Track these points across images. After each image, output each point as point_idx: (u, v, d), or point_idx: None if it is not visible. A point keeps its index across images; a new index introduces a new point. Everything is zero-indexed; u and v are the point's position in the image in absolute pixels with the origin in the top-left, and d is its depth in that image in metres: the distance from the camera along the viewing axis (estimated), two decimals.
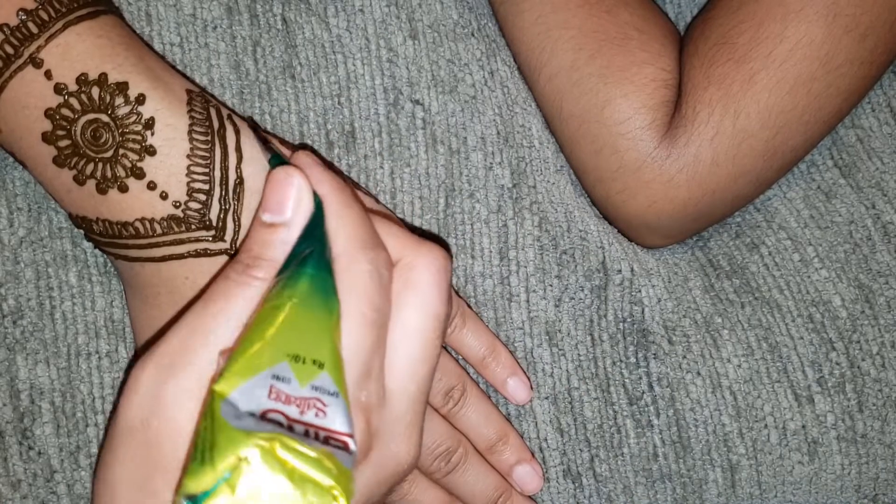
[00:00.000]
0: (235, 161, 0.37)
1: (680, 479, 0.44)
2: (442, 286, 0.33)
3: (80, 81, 0.36)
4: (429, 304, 0.32)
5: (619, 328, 0.45)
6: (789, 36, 0.41)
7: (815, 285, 0.46)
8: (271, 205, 0.32)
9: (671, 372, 0.45)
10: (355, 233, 0.32)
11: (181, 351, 0.30)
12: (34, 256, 0.41)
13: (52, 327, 0.41)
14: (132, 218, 0.36)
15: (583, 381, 0.44)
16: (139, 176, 0.36)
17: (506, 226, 0.45)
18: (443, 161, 0.44)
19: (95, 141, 0.36)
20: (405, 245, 0.33)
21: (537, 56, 0.45)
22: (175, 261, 0.37)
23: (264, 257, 0.31)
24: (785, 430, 0.45)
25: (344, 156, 0.43)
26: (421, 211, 0.44)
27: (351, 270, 0.31)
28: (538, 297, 0.45)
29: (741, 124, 0.42)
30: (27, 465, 0.41)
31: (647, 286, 0.46)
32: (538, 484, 0.43)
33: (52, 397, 0.41)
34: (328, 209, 0.32)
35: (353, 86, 0.44)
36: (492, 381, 0.43)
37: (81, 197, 0.37)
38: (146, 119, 0.36)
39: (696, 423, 0.44)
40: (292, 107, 0.43)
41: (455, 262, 0.44)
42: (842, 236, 0.46)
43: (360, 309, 0.30)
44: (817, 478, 0.45)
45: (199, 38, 0.42)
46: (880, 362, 0.45)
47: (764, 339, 0.45)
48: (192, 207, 0.37)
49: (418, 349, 0.32)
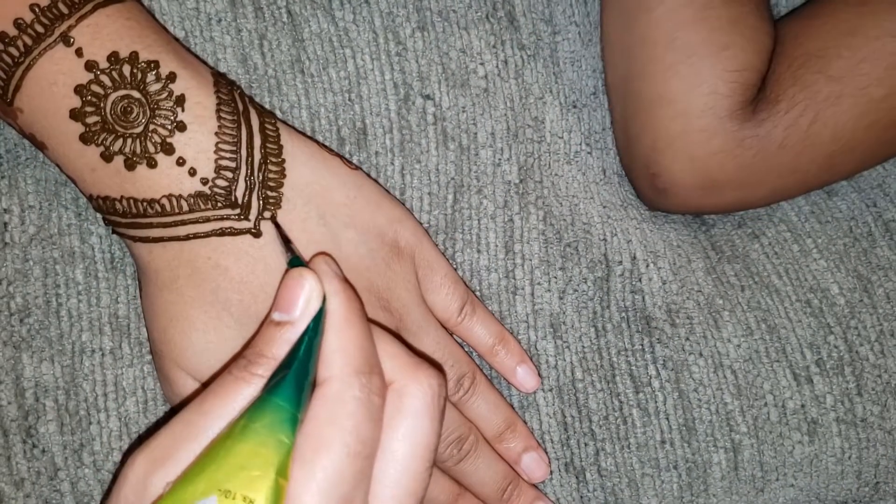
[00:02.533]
0: (260, 142, 0.38)
1: (685, 464, 0.45)
2: (434, 415, 0.32)
3: (110, 59, 0.36)
4: (419, 435, 0.31)
5: (623, 317, 0.45)
6: (887, 84, 0.44)
7: (814, 273, 0.47)
8: (282, 303, 0.31)
9: (675, 354, 0.45)
10: (354, 354, 0.31)
11: (171, 445, 0.29)
12: (43, 254, 0.41)
13: (57, 325, 0.41)
14: (159, 195, 0.37)
15: (587, 373, 0.45)
16: (168, 151, 0.36)
17: (511, 220, 0.45)
18: (453, 158, 0.45)
19: (126, 116, 0.36)
20: (400, 367, 0.32)
21: None
22: (198, 240, 0.37)
23: (266, 354, 0.31)
24: (784, 408, 0.45)
25: (355, 152, 0.44)
26: (429, 207, 0.44)
27: (341, 397, 0.30)
28: (543, 290, 0.45)
29: (815, 129, 0.45)
30: (31, 463, 0.40)
31: (648, 272, 0.46)
32: (545, 471, 0.44)
33: (55, 395, 0.41)
34: (330, 324, 0.31)
35: (363, 81, 0.44)
36: (501, 370, 0.44)
37: (107, 174, 0.37)
38: (177, 96, 0.37)
39: (700, 403, 0.45)
40: (303, 102, 0.43)
41: (462, 257, 0.45)
42: (842, 230, 0.47)
43: (345, 439, 0.29)
44: (818, 460, 0.45)
45: (205, 32, 0.42)
46: (879, 349, 0.46)
47: (763, 321, 0.46)
48: (219, 185, 0.37)
49: (405, 482, 0.31)
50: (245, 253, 0.37)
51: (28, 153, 0.42)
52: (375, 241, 0.40)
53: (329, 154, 0.40)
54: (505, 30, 0.46)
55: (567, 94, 0.47)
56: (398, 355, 0.32)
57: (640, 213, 0.48)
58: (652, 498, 0.45)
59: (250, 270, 0.37)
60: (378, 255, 0.40)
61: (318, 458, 0.29)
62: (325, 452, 0.29)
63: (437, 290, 0.42)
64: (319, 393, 0.30)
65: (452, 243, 0.45)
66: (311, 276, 0.32)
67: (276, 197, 0.38)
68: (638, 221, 0.48)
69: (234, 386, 0.30)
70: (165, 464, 0.29)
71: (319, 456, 0.29)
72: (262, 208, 0.37)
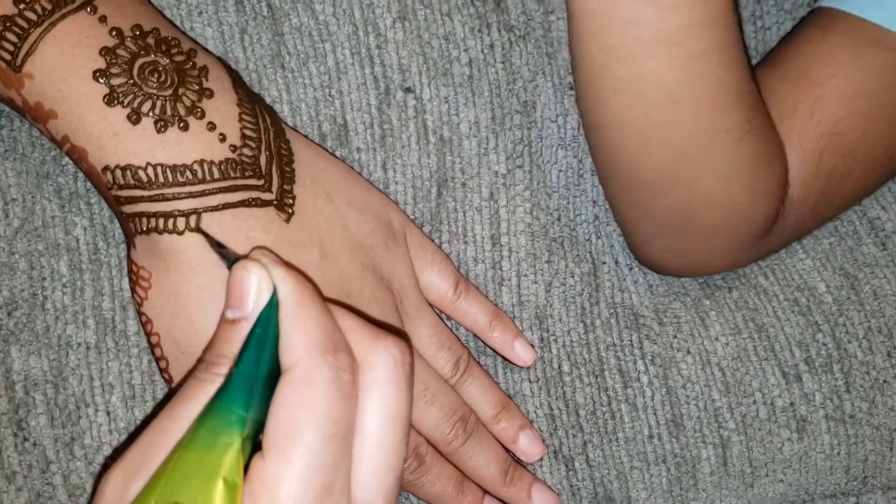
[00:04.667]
0: (270, 119, 0.38)
1: (674, 459, 0.45)
2: (401, 383, 0.31)
3: (134, 30, 0.36)
4: (389, 406, 0.30)
5: (612, 313, 0.45)
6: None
7: (800, 273, 0.47)
8: (233, 300, 0.30)
9: (663, 351, 0.45)
10: (315, 334, 0.30)
11: (144, 454, 0.29)
12: (28, 247, 0.41)
13: (43, 318, 0.41)
14: (191, 160, 0.36)
15: (575, 367, 0.45)
16: (199, 116, 0.36)
17: (498, 213, 0.45)
18: (434, 151, 0.44)
19: (155, 78, 0.36)
20: (360, 341, 0.31)
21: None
22: (229, 210, 0.36)
23: (226, 353, 0.30)
24: (773, 406, 0.45)
25: (337, 148, 0.43)
26: (413, 201, 0.44)
27: (308, 379, 0.29)
28: (529, 282, 0.45)
29: (821, 212, 0.45)
30: (22, 456, 0.40)
31: (633, 274, 0.46)
32: (542, 449, 0.44)
33: (44, 388, 0.41)
34: (284, 311, 0.30)
35: (343, 76, 0.43)
36: (499, 346, 0.44)
37: (132, 138, 0.35)
38: (200, 66, 0.37)
39: (688, 399, 0.45)
40: (284, 97, 0.43)
41: (448, 248, 0.45)
42: (827, 230, 0.47)
43: (318, 422, 0.28)
44: (807, 457, 0.46)
45: (185, 23, 0.42)
46: (867, 345, 0.46)
47: (751, 320, 0.46)
48: (245, 154, 0.37)
49: (383, 457, 0.30)
50: (272, 225, 0.37)
51: (6, 145, 0.41)
52: (374, 220, 0.40)
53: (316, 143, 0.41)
54: (491, 12, 0.45)
55: (563, 76, 0.46)
56: (356, 328, 0.31)
57: None
58: (641, 490, 0.45)
59: (279, 244, 0.37)
60: (378, 234, 0.40)
61: (292, 446, 0.28)
62: (299, 438, 0.28)
63: (429, 268, 0.43)
64: (286, 379, 0.29)
65: (438, 235, 0.45)
66: (256, 267, 0.30)
67: (290, 172, 0.38)
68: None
69: (200, 387, 0.29)
70: (140, 473, 0.28)
71: (294, 443, 0.28)
72: (282, 181, 0.37)
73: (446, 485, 0.42)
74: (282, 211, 0.37)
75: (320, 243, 0.38)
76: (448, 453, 0.42)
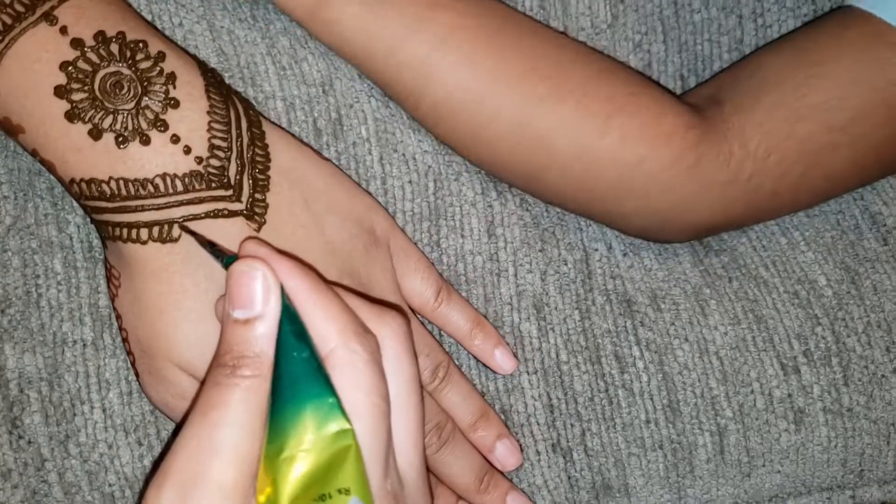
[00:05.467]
0: (246, 125, 0.37)
1: (671, 445, 0.45)
2: (409, 348, 0.32)
3: (97, 38, 0.35)
4: (405, 372, 0.32)
5: (607, 299, 0.45)
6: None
7: (801, 265, 0.47)
8: (240, 300, 0.30)
9: (658, 337, 0.45)
10: (343, 320, 0.31)
11: (195, 467, 0.29)
12: (21, 244, 0.41)
13: (37, 315, 0.41)
14: (153, 174, 0.35)
15: (572, 355, 0.45)
16: (162, 128, 0.35)
17: (491, 206, 0.45)
18: (428, 146, 0.44)
19: (116, 92, 0.35)
20: (367, 318, 0.32)
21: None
22: (192, 222, 0.36)
23: (248, 354, 0.30)
24: (771, 396, 0.45)
25: (333, 143, 0.43)
26: (412, 195, 0.44)
27: (353, 364, 0.30)
28: (525, 271, 0.45)
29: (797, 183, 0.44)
30: (17, 454, 0.41)
31: (626, 259, 0.46)
32: (518, 459, 0.44)
33: (39, 386, 0.41)
34: (303, 301, 0.31)
35: (335, 71, 0.43)
36: (480, 353, 0.44)
37: (94, 154, 0.35)
38: (167, 73, 0.36)
39: (685, 385, 0.45)
40: (278, 94, 0.42)
41: (447, 242, 0.44)
42: (829, 223, 0.47)
43: (372, 401, 0.30)
44: (804, 448, 0.46)
45: (174, 18, 0.41)
46: (866, 340, 0.46)
47: (751, 311, 0.46)
48: (212, 164, 0.36)
49: (411, 418, 0.32)
50: (241, 234, 0.36)
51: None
52: (355, 226, 0.40)
53: (303, 143, 0.40)
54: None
55: None
56: (361, 307, 0.32)
57: None
58: (639, 478, 0.45)
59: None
60: (358, 240, 0.40)
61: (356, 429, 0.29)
62: (359, 422, 0.29)
63: (412, 275, 0.42)
64: (331, 366, 0.30)
65: (437, 230, 0.44)
66: (259, 265, 0.30)
67: (264, 179, 0.38)
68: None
69: (230, 393, 0.29)
70: (198, 484, 0.28)
71: (356, 426, 0.29)
72: (254, 190, 0.37)
73: None
74: (252, 220, 0.37)
75: (293, 251, 0.38)
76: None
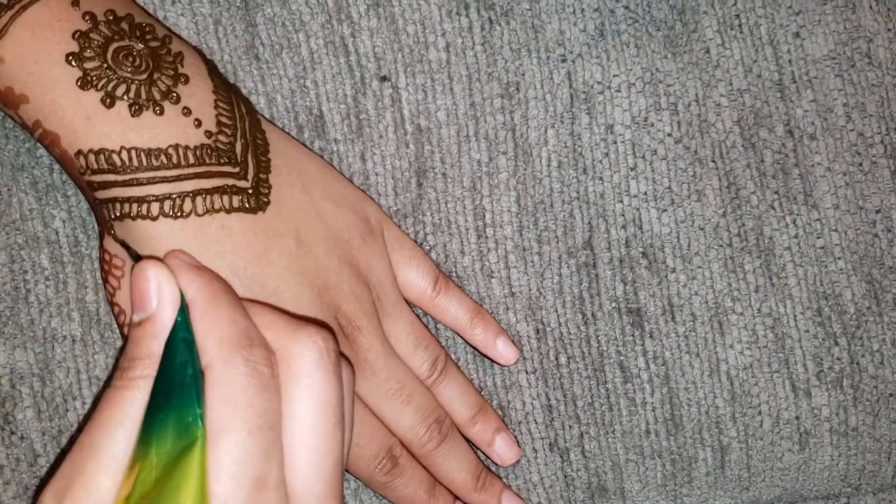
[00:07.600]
0: (245, 109, 0.38)
1: (670, 455, 0.45)
2: (327, 369, 0.31)
3: (107, 14, 0.36)
4: (318, 393, 0.30)
5: (615, 307, 0.44)
6: None
7: (830, 277, 0.44)
8: (136, 303, 0.30)
9: (667, 353, 0.44)
10: (227, 332, 0.29)
11: (73, 471, 0.28)
12: (7, 240, 0.40)
13: (27, 311, 0.40)
14: (165, 144, 0.35)
15: (572, 360, 0.44)
16: (175, 101, 0.36)
17: (481, 204, 0.43)
18: (413, 141, 0.43)
19: (129, 62, 0.35)
20: (280, 334, 0.31)
21: None
22: (201, 196, 0.35)
23: (138, 356, 0.29)
24: (778, 418, 0.45)
25: (314, 139, 0.42)
26: (394, 192, 0.43)
27: (226, 377, 0.29)
28: (519, 273, 0.44)
29: None
30: (10, 450, 0.41)
31: (643, 263, 0.44)
32: (517, 454, 0.44)
33: (31, 382, 0.40)
34: (195, 313, 0.30)
35: (318, 67, 0.42)
36: (480, 344, 0.43)
37: (106, 121, 0.35)
38: (175, 52, 0.37)
39: (690, 402, 0.44)
40: (259, 89, 0.41)
41: (434, 240, 0.43)
42: (866, 224, 0.44)
43: (242, 417, 0.28)
44: (806, 466, 0.45)
45: (158, 12, 0.41)
46: (879, 359, 0.45)
47: (771, 329, 0.44)
48: (221, 140, 0.36)
49: (318, 444, 0.30)
50: (247, 213, 0.36)
51: None
52: (351, 214, 0.40)
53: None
54: None
55: (551, 48, 0.43)
56: (274, 322, 0.31)
57: (653, 186, 0.44)
58: (636, 483, 0.45)
59: (254, 233, 0.36)
60: (355, 228, 0.40)
61: (220, 443, 0.28)
62: (225, 436, 0.28)
63: (407, 264, 0.42)
64: (206, 380, 0.29)
65: (422, 226, 0.43)
66: (151, 266, 0.30)
67: (266, 161, 0.37)
68: (646, 198, 0.44)
69: (120, 395, 0.29)
70: (72, 489, 0.28)
71: (221, 440, 0.28)
72: (257, 170, 0.37)
73: (418, 489, 0.42)
74: (256, 199, 0.37)
75: (296, 233, 0.38)
76: (420, 456, 0.42)
